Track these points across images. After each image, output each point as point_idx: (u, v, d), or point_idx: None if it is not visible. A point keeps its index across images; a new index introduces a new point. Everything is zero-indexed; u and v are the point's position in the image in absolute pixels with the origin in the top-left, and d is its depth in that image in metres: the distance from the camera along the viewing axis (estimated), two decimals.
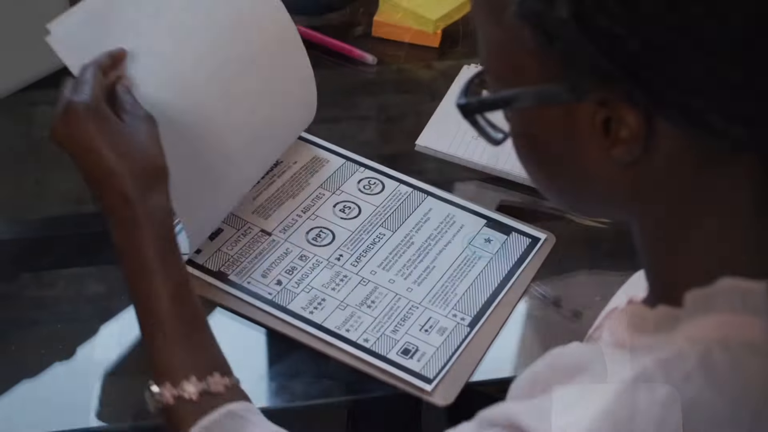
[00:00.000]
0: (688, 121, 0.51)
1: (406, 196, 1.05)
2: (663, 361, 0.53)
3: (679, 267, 0.57)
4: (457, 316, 0.94)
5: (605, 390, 0.53)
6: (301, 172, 1.07)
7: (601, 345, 0.59)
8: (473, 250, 1.00)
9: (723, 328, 0.54)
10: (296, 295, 0.94)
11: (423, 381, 0.88)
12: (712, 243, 0.56)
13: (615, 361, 0.55)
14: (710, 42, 0.49)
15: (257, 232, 1.00)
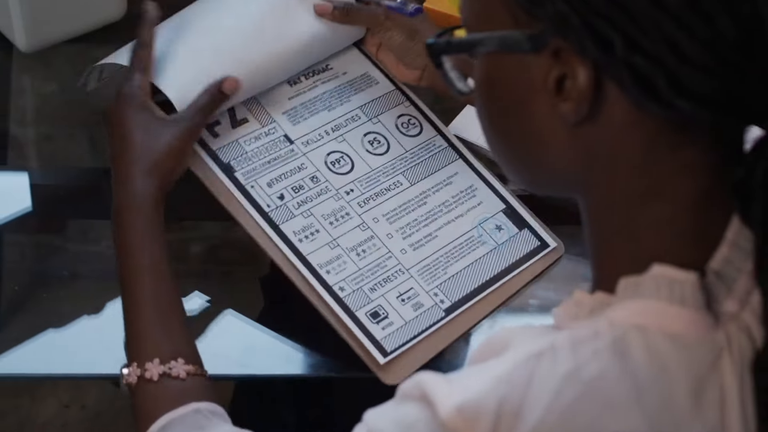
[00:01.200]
0: (633, 80, 0.52)
1: (438, 150, 0.99)
2: (575, 338, 0.53)
3: (618, 252, 0.57)
4: (438, 296, 0.90)
5: (508, 358, 0.54)
6: (346, 85, 1.00)
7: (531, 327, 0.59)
8: (480, 232, 0.95)
9: (645, 314, 0.54)
10: (293, 216, 0.90)
11: (379, 352, 0.85)
12: (652, 228, 0.56)
13: (534, 337, 0.56)
14: (673, 7, 0.50)
15: (280, 136, 0.94)
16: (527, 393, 0.52)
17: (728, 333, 0.54)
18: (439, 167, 0.98)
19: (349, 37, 1.01)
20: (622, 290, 0.55)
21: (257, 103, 0.95)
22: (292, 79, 0.98)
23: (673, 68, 0.51)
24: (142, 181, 0.83)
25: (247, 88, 0.93)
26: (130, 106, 0.87)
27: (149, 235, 0.82)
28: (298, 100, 0.97)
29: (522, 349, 0.54)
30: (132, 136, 0.85)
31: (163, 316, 0.79)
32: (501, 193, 0.99)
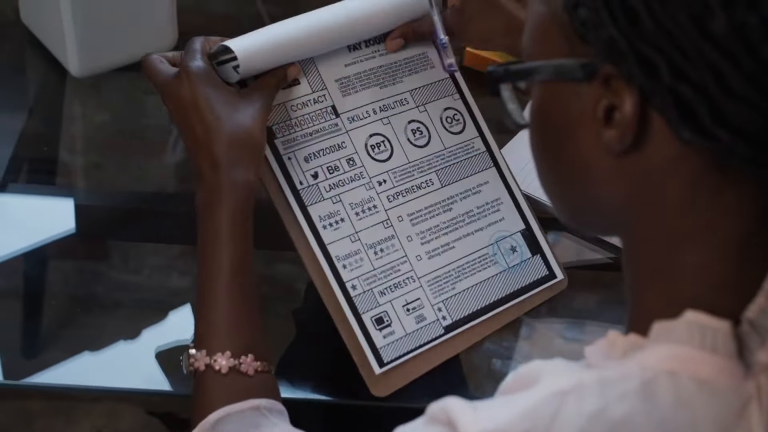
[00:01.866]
0: (676, 108, 0.52)
1: (476, 153, 0.97)
2: (604, 379, 0.53)
3: (654, 295, 0.57)
4: (441, 312, 0.89)
5: (536, 393, 0.54)
6: (402, 63, 0.96)
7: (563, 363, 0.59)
8: (495, 251, 0.94)
9: (676, 359, 0.54)
10: (322, 199, 0.87)
11: (376, 360, 0.84)
12: (690, 273, 0.56)
13: (564, 374, 0.55)
14: (718, 36, 0.50)
15: (328, 106, 0.91)
16: (550, 429, 0.52)
17: (758, 383, 0.54)
18: (472, 172, 0.96)
19: (416, 11, 0.96)
20: (655, 334, 0.55)
21: (313, 65, 0.91)
22: (352, 45, 0.94)
23: (716, 98, 0.51)
24: (239, 163, 0.79)
25: (309, 51, 0.90)
26: (205, 81, 0.81)
27: (241, 226, 0.79)
28: (353, 69, 0.93)
29: (550, 385, 0.54)
30: (217, 113, 0.80)
31: (239, 311, 0.78)
32: (524, 212, 0.97)
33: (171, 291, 1.02)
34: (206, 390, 0.76)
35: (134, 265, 1.04)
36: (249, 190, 0.80)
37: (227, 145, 0.79)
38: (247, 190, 0.79)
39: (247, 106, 0.82)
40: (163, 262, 1.05)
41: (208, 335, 0.77)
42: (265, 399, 0.77)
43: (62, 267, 1.07)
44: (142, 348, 0.96)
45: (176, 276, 1.03)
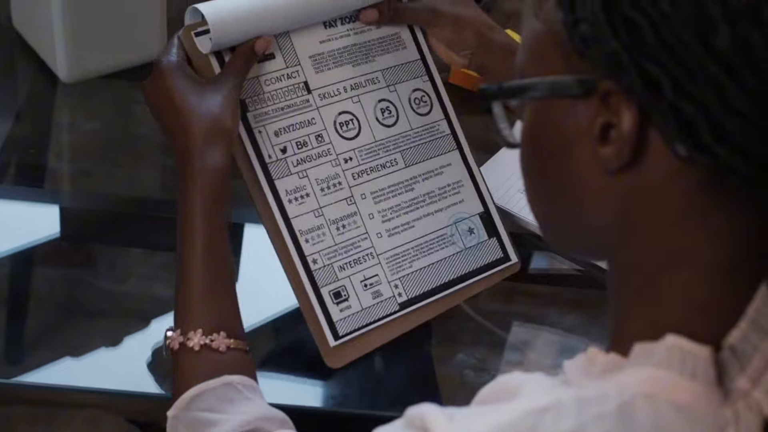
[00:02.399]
0: (677, 124, 0.52)
1: (440, 135, 0.99)
2: (582, 398, 0.53)
3: (637, 316, 0.57)
4: (397, 289, 0.91)
5: (513, 408, 0.54)
6: (375, 42, 0.97)
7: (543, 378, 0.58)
8: (452, 231, 0.96)
9: (655, 383, 0.54)
10: (289, 173, 0.89)
11: (332, 333, 0.87)
12: (674, 296, 0.56)
13: (543, 389, 0.56)
14: (722, 52, 0.50)
15: (300, 82, 0.92)
16: None
17: (736, 410, 0.54)
18: (436, 154, 0.98)
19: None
20: (635, 356, 0.55)
21: (289, 40, 0.93)
22: (328, 22, 0.95)
23: (718, 114, 0.51)
24: (208, 149, 0.82)
25: (284, 22, 0.91)
26: (175, 76, 0.85)
27: (212, 209, 0.82)
28: (327, 46, 0.95)
29: (529, 401, 0.54)
30: (187, 104, 0.84)
31: (212, 289, 0.81)
32: (483, 195, 0.99)
33: (155, 300, 1.02)
34: (181, 368, 0.79)
35: (119, 273, 1.05)
36: (220, 175, 0.83)
37: (197, 134, 0.83)
38: (217, 174, 0.82)
39: (215, 94, 0.85)
40: (148, 271, 1.05)
41: (181, 315, 0.80)
42: (238, 375, 0.79)
43: (47, 272, 1.07)
44: (124, 355, 0.97)
45: (160, 285, 1.04)
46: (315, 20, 0.93)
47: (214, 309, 0.80)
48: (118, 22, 1.22)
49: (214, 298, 0.81)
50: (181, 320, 0.80)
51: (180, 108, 0.84)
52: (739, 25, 0.49)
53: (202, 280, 0.80)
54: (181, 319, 0.80)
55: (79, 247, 1.09)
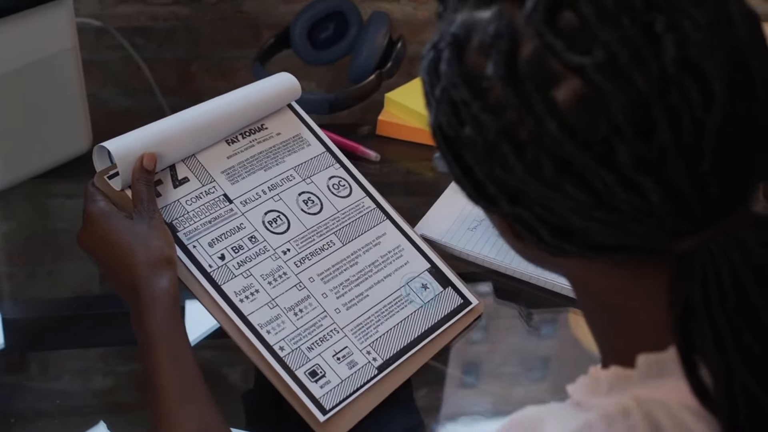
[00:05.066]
0: (523, 227, 0.58)
1: (367, 211, 1.03)
2: (607, 416, 0.55)
3: (618, 335, 0.60)
4: (371, 354, 0.93)
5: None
6: (280, 146, 1.02)
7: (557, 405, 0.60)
8: (408, 291, 0.99)
9: (668, 391, 0.56)
10: (234, 276, 0.92)
11: (319, 410, 0.88)
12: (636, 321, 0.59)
13: (567, 416, 0.57)
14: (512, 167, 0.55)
15: (220, 195, 0.96)
16: None
17: None
18: (368, 228, 1.02)
19: (284, 99, 1.04)
20: (645, 367, 0.57)
21: (197, 162, 0.97)
22: (229, 138, 1.00)
23: (548, 220, 0.56)
24: (155, 278, 0.85)
25: (187, 146, 0.96)
26: (107, 218, 0.88)
27: (170, 327, 0.84)
28: (235, 159, 0.99)
29: (558, 428, 0.56)
30: (125, 242, 0.87)
31: (185, 399, 0.81)
32: (426, 252, 1.03)
33: (95, 393, 0.98)
34: None
35: (54, 372, 1.01)
36: (171, 299, 0.85)
37: (140, 266, 0.85)
38: (168, 298, 0.85)
39: (143, 226, 0.88)
40: (83, 365, 1.01)
41: (163, 429, 0.80)
42: None
43: None
44: None
45: (99, 377, 1.00)
46: (216, 139, 0.99)
47: (192, 415, 0.81)
48: (41, 124, 1.21)
49: (189, 406, 0.81)
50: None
51: (119, 247, 0.87)
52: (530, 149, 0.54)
53: (175, 391, 0.81)
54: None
55: (11, 356, 1.03)
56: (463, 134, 0.56)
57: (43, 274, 1.14)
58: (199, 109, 0.97)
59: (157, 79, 1.42)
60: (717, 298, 0.53)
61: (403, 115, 1.34)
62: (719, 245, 0.53)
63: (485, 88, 0.54)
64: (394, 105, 1.34)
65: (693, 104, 0.50)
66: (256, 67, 1.37)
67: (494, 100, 0.54)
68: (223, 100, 1.00)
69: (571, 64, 0.51)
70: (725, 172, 0.52)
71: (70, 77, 1.20)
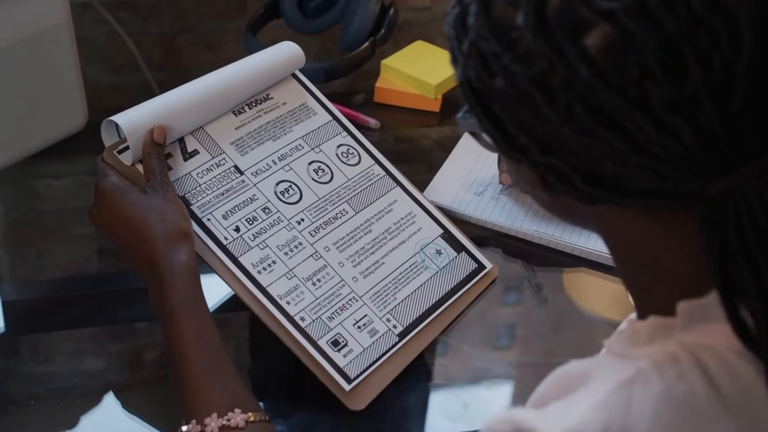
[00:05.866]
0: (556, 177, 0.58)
1: (377, 178, 1.03)
2: (657, 362, 0.56)
3: (654, 284, 0.61)
4: (391, 322, 0.93)
5: (601, 387, 0.56)
6: (287, 115, 1.02)
7: (600, 358, 0.62)
8: (423, 257, 0.99)
9: (714, 335, 0.57)
10: (250, 248, 0.92)
11: (344, 379, 0.88)
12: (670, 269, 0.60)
13: (615, 367, 0.58)
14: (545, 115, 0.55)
15: (230, 167, 0.96)
16: (629, 417, 0.54)
17: None
18: (380, 195, 1.02)
19: (288, 68, 1.04)
20: (687, 314, 0.59)
21: (205, 135, 0.97)
22: (236, 109, 1.00)
23: (581, 167, 0.56)
24: (173, 252, 0.85)
25: (195, 118, 0.96)
26: (120, 192, 0.88)
27: (191, 301, 0.83)
28: (244, 130, 0.99)
29: (610, 379, 0.57)
30: (140, 216, 0.86)
31: (214, 373, 0.81)
32: (438, 218, 1.04)
33: (87, 374, 0.96)
34: None
35: (45, 354, 0.98)
36: (191, 272, 0.85)
37: (157, 240, 0.85)
38: (188, 271, 0.84)
39: (158, 199, 0.88)
40: (75, 347, 0.99)
41: (191, 406, 0.80)
42: None
43: None
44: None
45: (91, 358, 0.98)
46: (223, 111, 0.99)
47: (221, 390, 0.81)
48: (36, 101, 1.18)
49: (218, 380, 0.81)
50: (192, 411, 0.79)
51: (135, 222, 0.86)
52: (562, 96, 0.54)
53: (202, 367, 0.81)
54: (192, 409, 0.79)
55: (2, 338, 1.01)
56: (494, 86, 0.57)
57: (32, 258, 1.11)
58: (205, 80, 0.97)
59: (142, 54, 1.39)
60: (753, 239, 0.53)
61: (399, 81, 1.32)
62: (753, 186, 0.53)
63: (515, 39, 0.55)
64: (390, 71, 1.33)
65: (722, 45, 0.51)
66: (248, 37, 1.35)
67: (524, 49, 0.55)
68: (228, 70, 0.99)
69: (600, 10, 0.52)
70: (757, 112, 0.52)
71: (64, 53, 1.18)
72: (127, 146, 0.91)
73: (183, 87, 0.96)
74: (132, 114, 0.91)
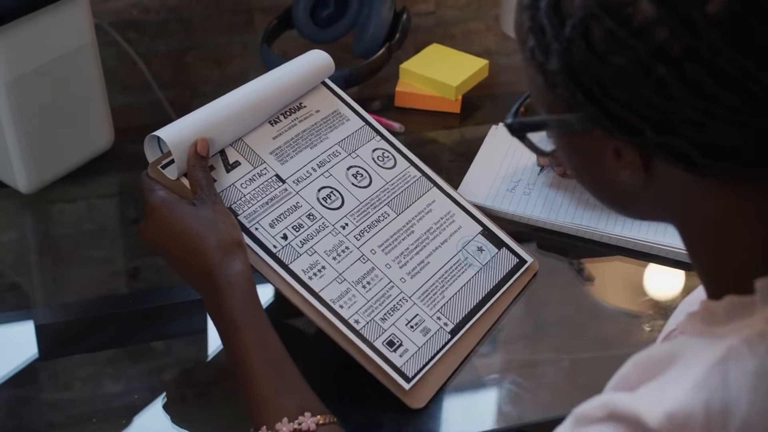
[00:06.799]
0: (669, 155, 0.58)
1: (414, 180, 1.05)
2: (747, 339, 0.57)
3: (728, 262, 0.61)
4: (441, 320, 0.95)
5: (697, 367, 0.57)
6: (321, 123, 1.04)
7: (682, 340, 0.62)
8: (465, 255, 1.01)
9: None
10: (299, 255, 0.93)
11: (402, 378, 0.89)
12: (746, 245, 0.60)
13: (701, 347, 0.59)
14: (668, 87, 0.55)
15: (272, 176, 0.97)
16: (727, 395, 0.55)
17: None
18: (418, 196, 1.04)
19: (319, 76, 1.06)
20: (766, 290, 0.59)
21: (245, 146, 0.98)
22: (272, 119, 1.01)
23: (701, 141, 0.56)
24: (228, 262, 0.85)
25: (234, 129, 0.97)
26: (170, 207, 0.88)
27: (251, 310, 0.84)
28: (281, 139, 1.01)
29: (700, 359, 0.58)
30: (192, 229, 0.87)
31: (281, 379, 0.82)
32: (476, 216, 1.05)
33: (106, 398, 0.94)
34: None
35: (63, 381, 0.97)
36: (245, 279, 0.85)
37: (212, 251, 0.85)
38: (244, 281, 0.85)
39: (207, 211, 0.88)
40: (92, 371, 0.97)
41: (260, 413, 0.80)
42: None
43: None
44: None
45: (109, 382, 0.96)
46: (260, 121, 1.00)
47: (289, 395, 0.81)
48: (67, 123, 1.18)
49: (285, 386, 0.82)
50: (262, 418, 0.80)
51: (187, 234, 0.86)
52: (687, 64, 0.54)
53: (268, 374, 0.82)
54: (262, 417, 0.80)
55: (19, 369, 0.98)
56: (608, 66, 0.56)
57: (48, 283, 1.09)
58: (241, 91, 0.98)
59: (153, 72, 1.37)
60: None
61: (419, 84, 1.32)
62: None
63: (629, 14, 0.55)
64: (409, 75, 1.33)
65: None
66: (263, 49, 1.35)
67: (640, 23, 0.55)
68: (262, 81, 1.00)
69: None
70: None
71: (90, 74, 1.17)
72: (171, 161, 0.91)
73: (220, 99, 0.97)
74: (174, 128, 0.92)
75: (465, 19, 1.59)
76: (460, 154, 1.24)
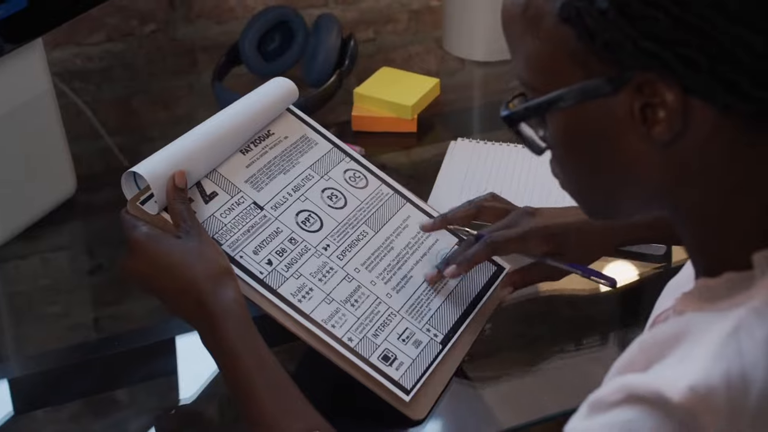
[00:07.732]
0: (721, 86, 0.57)
1: (387, 197, 1.06)
2: (755, 308, 0.59)
3: (730, 238, 0.63)
4: (431, 332, 0.97)
5: (710, 340, 0.58)
6: (291, 148, 1.05)
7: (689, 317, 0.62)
8: None
9: None
10: (286, 279, 0.94)
11: (402, 391, 0.90)
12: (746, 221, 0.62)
13: (709, 321, 0.60)
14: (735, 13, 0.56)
15: (250, 203, 0.98)
16: (744, 363, 0.57)
17: None
18: (393, 213, 1.05)
19: (284, 103, 1.07)
20: (765, 262, 0.61)
21: (220, 176, 0.99)
22: (243, 148, 1.02)
23: (755, 68, 0.56)
24: (220, 290, 0.85)
25: (208, 160, 0.98)
26: (155, 242, 0.88)
27: (248, 335, 0.84)
28: (254, 167, 1.01)
29: (711, 332, 0.59)
30: (179, 264, 0.86)
31: (285, 401, 0.82)
32: (450, 228, 1.06)
33: None
34: None
35: None
36: (238, 305, 0.85)
37: (203, 281, 0.85)
38: (236, 306, 0.85)
39: (193, 243, 0.88)
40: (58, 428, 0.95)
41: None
42: None
43: None
44: None
45: None
46: (232, 151, 1.01)
47: (295, 417, 0.81)
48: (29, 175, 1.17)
49: (290, 408, 0.82)
50: None
51: (176, 267, 0.86)
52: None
53: (272, 397, 0.81)
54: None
55: None
56: None
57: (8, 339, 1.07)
58: (210, 123, 0.99)
59: (100, 120, 1.36)
60: None
61: (374, 107, 1.34)
62: None
63: None
64: (363, 99, 1.35)
65: None
66: (216, 86, 1.36)
67: None
68: (230, 111, 1.01)
69: None
70: None
71: (51, 120, 1.17)
72: (149, 196, 0.91)
73: (191, 132, 0.97)
74: (150, 163, 0.91)
75: (405, 44, 1.63)
76: (422, 171, 1.26)
